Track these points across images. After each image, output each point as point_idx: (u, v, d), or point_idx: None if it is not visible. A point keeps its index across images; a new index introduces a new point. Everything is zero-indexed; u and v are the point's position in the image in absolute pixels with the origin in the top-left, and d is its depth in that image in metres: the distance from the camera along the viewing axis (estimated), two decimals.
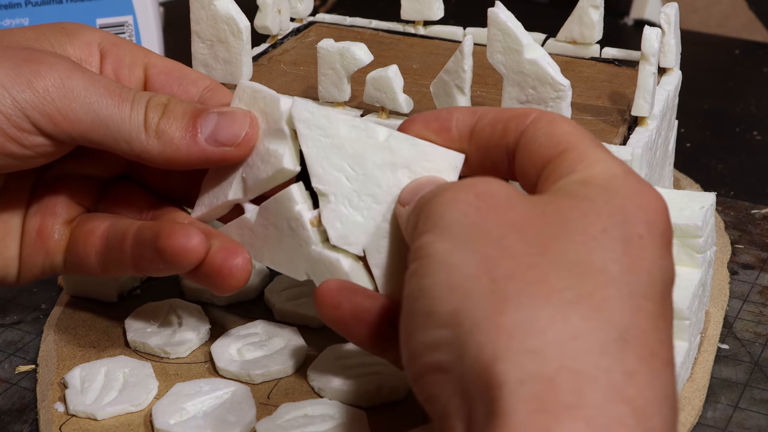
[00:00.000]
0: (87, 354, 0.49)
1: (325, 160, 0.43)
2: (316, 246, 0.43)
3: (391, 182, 0.42)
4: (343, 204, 0.43)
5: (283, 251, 0.45)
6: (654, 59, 0.48)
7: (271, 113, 0.44)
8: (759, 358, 0.49)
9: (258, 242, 0.45)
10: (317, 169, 0.43)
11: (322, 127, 0.43)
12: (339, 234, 0.42)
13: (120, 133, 0.43)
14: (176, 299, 0.52)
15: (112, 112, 0.43)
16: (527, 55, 0.46)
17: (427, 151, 0.42)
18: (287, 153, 0.43)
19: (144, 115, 0.43)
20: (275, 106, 0.44)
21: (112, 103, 0.43)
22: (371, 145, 0.42)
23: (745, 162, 0.70)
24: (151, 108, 0.43)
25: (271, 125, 0.44)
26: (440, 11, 0.60)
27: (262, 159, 0.44)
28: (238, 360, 0.48)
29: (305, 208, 0.44)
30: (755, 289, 0.55)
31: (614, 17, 0.93)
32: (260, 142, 0.44)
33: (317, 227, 0.43)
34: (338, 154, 0.43)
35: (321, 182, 0.43)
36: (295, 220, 0.44)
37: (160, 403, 0.45)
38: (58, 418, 0.45)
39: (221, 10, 0.52)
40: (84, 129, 0.42)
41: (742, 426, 0.45)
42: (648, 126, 0.49)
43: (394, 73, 0.49)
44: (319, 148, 0.43)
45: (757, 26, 0.93)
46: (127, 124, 0.43)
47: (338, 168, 0.43)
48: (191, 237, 0.43)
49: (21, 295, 0.55)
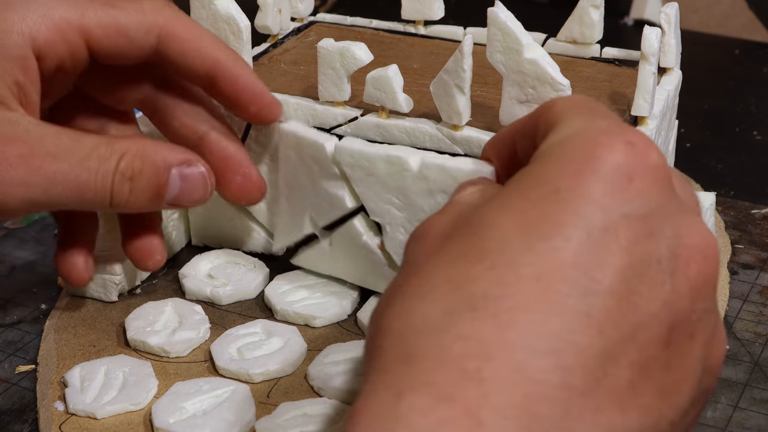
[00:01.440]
0: (87, 353, 0.49)
1: (375, 196, 0.48)
2: (387, 267, 0.50)
3: (434, 206, 0.47)
4: (398, 231, 0.49)
5: (360, 271, 0.51)
6: (654, 59, 0.48)
7: (318, 157, 0.49)
8: (759, 358, 0.49)
9: (333, 260, 0.52)
10: (370, 204, 0.49)
11: (365, 168, 0.48)
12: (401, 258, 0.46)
13: (85, 200, 0.44)
14: (176, 298, 0.52)
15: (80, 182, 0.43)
16: (527, 55, 0.46)
17: (456, 175, 0.45)
18: (347, 195, 0.49)
19: (111, 187, 0.44)
20: (322, 152, 0.49)
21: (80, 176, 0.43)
22: (408, 176, 0.47)
23: (745, 162, 0.70)
24: (117, 181, 0.44)
25: (323, 167, 0.49)
26: (441, 11, 0.59)
27: (327, 201, 0.50)
28: (238, 359, 0.47)
29: (371, 236, 0.50)
30: (755, 289, 0.54)
31: (614, 17, 0.92)
32: (319, 182, 0.50)
33: (384, 251, 0.50)
34: (383, 188, 0.48)
35: (376, 215, 0.49)
36: (364, 247, 0.50)
37: (160, 402, 0.44)
38: (58, 417, 0.45)
39: (221, 9, 0.52)
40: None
41: (742, 426, 0.44)
42: (648, 126, 0.49)
43: (394, 73, 0.49)
44: (366, 186, 0.48)
45: (757, 26, 0.92)
46: (92, 193, 0.43)
47: (386, 201, 0.48)
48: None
49: (21, 295, 0.55)
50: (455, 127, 0.48)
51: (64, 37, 0.44)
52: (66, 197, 0.43)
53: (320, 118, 0.52)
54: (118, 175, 0.44)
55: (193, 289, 0.53)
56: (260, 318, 0.51)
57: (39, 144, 0.42)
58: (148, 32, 0.46)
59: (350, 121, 0.51)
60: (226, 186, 0.50)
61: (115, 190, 0.44)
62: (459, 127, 0.48)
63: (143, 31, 0.46)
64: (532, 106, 0.46)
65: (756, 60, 0.88)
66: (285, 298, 0.52)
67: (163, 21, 0.46)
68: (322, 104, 0.51)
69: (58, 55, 0.45)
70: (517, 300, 0.30)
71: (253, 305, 0.53)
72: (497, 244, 0.31)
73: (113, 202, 0.44)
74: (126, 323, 0.50)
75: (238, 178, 0.50)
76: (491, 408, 0.28)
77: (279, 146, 0.51)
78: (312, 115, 0.52)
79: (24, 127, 0.43)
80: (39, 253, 0.58)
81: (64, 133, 0.43)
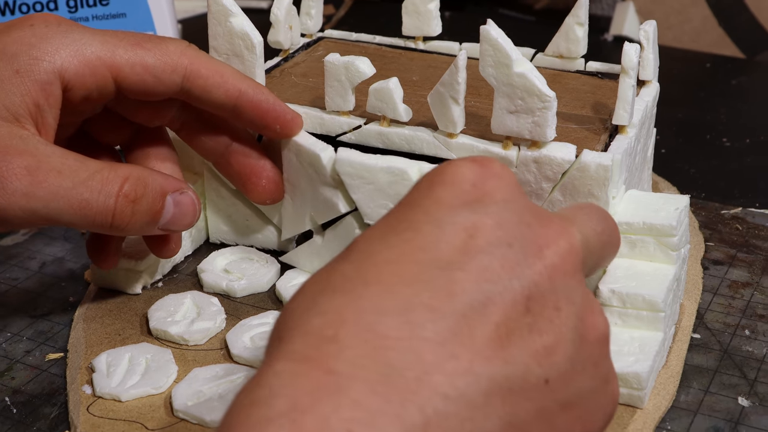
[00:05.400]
0: (113, 341, 0.49)
1: (371, 201, 0.48)
2: None
3: None
4: None
5: None
6: (633, 72, 0.47)
7: (317, 165, 0.49)
8: (728, 347, 0.49)
9: (327, 258, 0.50)
10: (365, 209, 0.49)
11: (364, 177, 0.48)
12: None
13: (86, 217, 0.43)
14: (195, 291, 0.52)
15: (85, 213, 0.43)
16: (516, 69, 0.45)
17: None
18: (341, 201, 0.49)
19: (114, 208, 0.43)
20: (318, 160, 0.49)
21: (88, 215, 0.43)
22: (407, 185, 0.47)
23: (715, 166, 0.70)
24: (121, 203, 0.43)
25: (321, 176, 0.49)
26: (438, 28, 0.59)
27: (324, 205, 0.50)
28: (251, 347, 0.47)
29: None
30: (725, 283, 0.54)
31: (595, 34, 0.92)
32: (317, 187, 0.50)
33: None
34: (381, 195, 0.48)
35: (371, 218, 0.49)
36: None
37: (179, 387, 0.44)
38: (85, 400, 0.45)
39: (236, 26, 0.52)
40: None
41: (712, 408, 0.44)
42: (627, 134, 0.49)
43: (394, 85, 0.49)
44: (364, 193, 0.48)
45: (727, 42, 0.92)
46: (93, 212, 0.43)
47: (383, 206, 0.48)
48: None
49: (50, 288, 0.54)
50: (451, 134, 0.48)
51: (94, 72, 0.45)
52: (67, 213, 0.42)
53: (327, 126, 0.51)
54: (121, 197, 0.43)
55: (210, 282, 0.53)
56: (272, 309, 0.51)
57: (45, 160, 0.42)
58: (174, 72, 0.46)
59: (354, 129, 0.51)
60: (252, 189, 0.51)
61: (117, 212, 0.43)
62: (454, 135, 0.48)
63: (169, 71, 0.46)
64: (521, 116, 0.46)
65: (726, 73, 0.88)
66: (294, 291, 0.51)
67: (188, 61, 0.47)
68: (329, 113, 0.51)
69: (86, 87, 0.45)
70: (371, 277, 0.30)
71: (266, 298, 0.52)
72: (362, 245, 0.32)
73: (114, 222, 0.43)
74: (149, 314, 0.50)
75: (263, 182, 0.51)
76: (343, 360, 0.28)
77: (283, 151, 0.51)
78: (319, 123, 0.51)
79: (33, 144, 0.42)
80: (67, 250, 0.58)
81: (70, 155, 0.43)
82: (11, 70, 0.43)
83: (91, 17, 0.67)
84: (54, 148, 0.43)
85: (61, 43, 0.44)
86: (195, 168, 0.56)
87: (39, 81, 0.43)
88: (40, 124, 0.44)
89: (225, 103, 0.48)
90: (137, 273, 0.52)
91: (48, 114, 0.44)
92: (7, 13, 0.66)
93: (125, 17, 0.68)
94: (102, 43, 0.45)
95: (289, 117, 0.49)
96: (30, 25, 0.44)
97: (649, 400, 0.44)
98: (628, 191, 0.49)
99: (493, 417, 0.29)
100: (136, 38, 0.46)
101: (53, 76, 0.44)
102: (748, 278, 0.54)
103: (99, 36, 0.45)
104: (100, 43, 0.45)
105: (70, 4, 0.67)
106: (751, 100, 0.82)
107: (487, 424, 0.29)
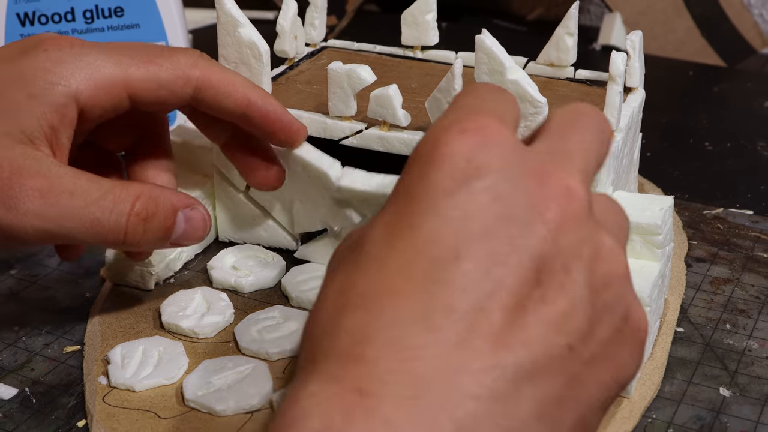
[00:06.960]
0: (127, 334, 0.49)
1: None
2: None
3: None
4: None
5: None
6: (620, 80, 0.48)
7: (325, 181, 0.50)
8: (710, 340, 0.49)
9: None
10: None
11: (369, 199, 0.49)
12: None
13: (98, 235, 0.43)
14: (205, 287, 0.52)
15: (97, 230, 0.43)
16: (509, 76, 0.46)
17: None
18: (354, 214, 0.50)
19: (126, 227, 0.43)
20: (327, 179, 0.50)
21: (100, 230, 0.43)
22: None
23: (698, 169, 0.70)
24: (132, 221, 0.43)
25: (330, 191, 0.50)
26: (435, 37, 0.60)
27: (336, 214, 0.51)
28: (258, 340, 0.47)
29: None
30: (707, 279, 0.54)
31: (584, 43, 0.92)
32: (328, 198, 0.51)
33: None
34: None
35: None
36: None
37: (190, 378, 0.45)
38: (101, 390, 0.45)
39: (244, 36, 0.52)
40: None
41: (695, 398, 0.45)
42: (615, 138, 0.49)
43: (394, 91, 0.49)
44: (372, 210, 0.49)
45: (709, 51, 0.93)
46: (105, 230, 0.43)
47: None
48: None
49: (68, 285, 0.55)
50: None
51: (109, 93, 0.45)
52: (80, 232, 0.42)
53: (330, 130, 0.52)
54: (133, 216, 0.43)
55: (219, 279, 0.53)
56: (278, 304, 0.51)
57: (58, 181, 0.42)
58: (186, 84, 0.46)
59: (356, 134, 0.51)
60: (254, 175, 0.51)
61: (129, 230, 0.43)
62: None
63: (181, 84, 0.46)
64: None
65: (708, 80, 0.88)
66: (300, 287, 0.52)
67: (199, 73, 0.46)
68: (332, 119, 0.52)
69: (102, 106, 0.45)
70: (386, 288, 0.30)
71: (272, 293, 0.53)
72: (371, 248, 0.31)
73: (126, 240, 0.43)
74: (161, 309, 0.50)
75: (265, 169, 0.51)
76: (371, 377, 0.28)
77: (290, 164, 0.52)
78: (323, 128, 0.52)
79: (46, 166, 0.42)
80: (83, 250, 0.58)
81: (83, 175, 0.43)
82: (27, 94, 0.43)
83: (106, 28, 0.68)
84: (67, 168, 0.43)
85: (75, 66, 0.44)
86: (205, 170, 0.56)
87: (54, 104, 0.43)
88: (54, 145, 0.43)
89: (234, 111, 0.48)
90: (150, 270, 0.52)
91: (62, 135, 0.44)
92: (27, 24, 0.66)
93: (139, 28, 0.68)
94: (115, 63, 0.45)
95: (294, 129, 0.50)
96: (44, 50, 0.44)
97: (636, 390, 0.44)
98: (615, 192, 0.49)
99: (524, 402, 0.29)
100: (149, 54, 0.46)
101: (69, 99, 0.43)
102: (729, 275, 0.55)
103: (112, 56, 0.45)
104: (113, 64, 0.45)
105: (87, 15, 0.67)
106: (732, 107, 0.82)
107: (520, 411, 0.28)
